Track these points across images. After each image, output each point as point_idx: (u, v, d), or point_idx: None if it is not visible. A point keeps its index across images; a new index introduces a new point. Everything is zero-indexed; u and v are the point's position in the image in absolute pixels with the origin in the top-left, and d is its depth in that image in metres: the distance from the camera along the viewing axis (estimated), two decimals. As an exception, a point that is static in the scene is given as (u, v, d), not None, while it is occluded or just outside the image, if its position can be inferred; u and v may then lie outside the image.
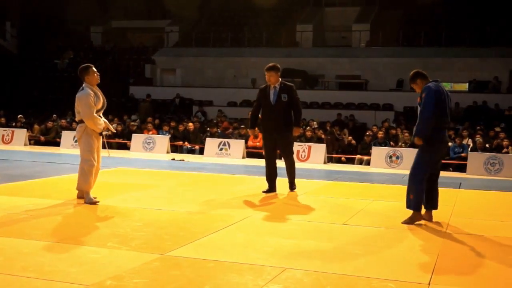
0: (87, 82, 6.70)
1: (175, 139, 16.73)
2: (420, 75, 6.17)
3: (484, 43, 23.52)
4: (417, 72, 6.22)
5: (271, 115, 7.98)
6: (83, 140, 6.70)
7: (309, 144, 14.99)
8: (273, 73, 7.94)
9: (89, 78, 6.69)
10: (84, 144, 6.69)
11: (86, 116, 6.60)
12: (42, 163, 11.60)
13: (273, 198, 7.71)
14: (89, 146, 6.68)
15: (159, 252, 4.53)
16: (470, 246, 5.22)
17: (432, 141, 5.92)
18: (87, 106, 6.58)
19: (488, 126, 17.70)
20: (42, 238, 4.89)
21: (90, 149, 6.69)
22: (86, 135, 6.68)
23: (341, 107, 21.74)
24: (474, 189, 9.84)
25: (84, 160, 6.69)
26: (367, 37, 26.17)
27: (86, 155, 6.69)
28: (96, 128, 6.68)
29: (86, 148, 6.69)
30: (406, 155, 13.93)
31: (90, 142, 6.69)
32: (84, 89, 6.67)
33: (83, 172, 6.66)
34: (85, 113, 6.60)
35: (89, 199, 6.65)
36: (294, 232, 5.52)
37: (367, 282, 3.95)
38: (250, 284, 3.83)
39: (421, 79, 6.13)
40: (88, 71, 6.71)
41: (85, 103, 6.58)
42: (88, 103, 6.58)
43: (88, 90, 6.64)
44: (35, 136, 17.85)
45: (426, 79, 6.13)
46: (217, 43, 27.53)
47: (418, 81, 6.13)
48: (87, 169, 6.65)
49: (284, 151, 8.20)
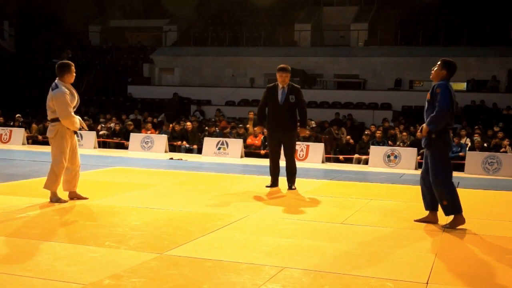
0: (65, 80, 6.52)
1: (173, 138, 16.72)
2: (450, 70, 5.84)
3: (482, 43, 23.55)
4: (452, 65, 5.85)
5: (278, 114, 8.18)
6: (56, 140, 6.53)
7: (307, 144, 14.99)
8: (288, 74, 8.21)
9: (68, 76, 6.54)
10: (57, 145, 6.53)
11: (63, 115, 6.42)
12: (40, 162, 11.58)
13: (271, 197, 7.71)
14: (62, 147, 6.52)
15: (157, 252, 4.52)
16: (468, 245, 5.22)
17: (443, 141, 5.76)
18: (65, 104, 6.42)
19: (486, 125, 17.73)
20: (40, 237, 4.88)
21: (62, 150, 6.53)
22: (60, 136, 6.52)
23: (339, 106, 21.75)
24: (472, 188, 9.85)
25: (55, 161, 6.54)
26: (365, 36, 26.19)
27: (57, 156, 6.53)
28: (72, 127, 6.54)
29: (59, 149, 6.52)
30: (404, 155, 13.95)
31: (63, 143, 6.52)
32: (58, 86, 6.48)
33: (52, 173, 6.53)
34: (63, 111, 6.42)
35: (56, 198, 6.59)
36: (292, 231, 5.52)
37: (366, 281, 3.95)
38: (248, 284, 3.83)
39: (447, 74, 5.83)
40: (70, 69, 6.56)
41: (62, 101, 6.41)
42: (66, 102, 6.42)
43: (63, 88, 6.48)
44: (33, 135, 17.83)
45: (449, 77, 5.86)
46: (215, 42, 27.53)
47: (444, 73, 5.83)
48: (57, 170, 6.52)
49: (287, 151, 8.37)
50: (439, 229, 5.81)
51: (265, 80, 25.49)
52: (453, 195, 5.74)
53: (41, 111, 21.29)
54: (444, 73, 5.85)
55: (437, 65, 5.92)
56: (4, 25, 29.12)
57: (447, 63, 5.86)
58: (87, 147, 16.40)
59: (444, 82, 5.81)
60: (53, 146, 6.59)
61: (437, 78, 5.89)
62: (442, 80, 5.83)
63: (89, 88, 25.23)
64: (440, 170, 5.75)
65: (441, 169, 5.76)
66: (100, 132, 17.70)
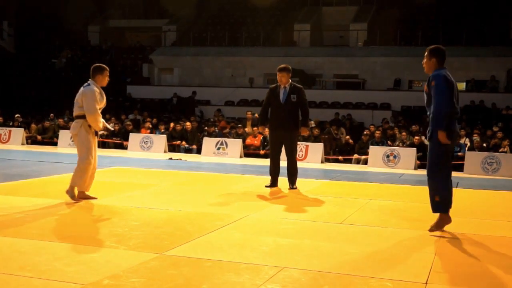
0: (97, 82, 6.67)
1: (173, 138, 16.72)
2: (439, 55, 5.58)
3: (482, 43, 23.57)
4: (439, 50, 5.60)
5: (280, 114, 8.25)
6: (80, 137, 6.59)
7: (307, 144, 14.99)
8: (285, 74, 8.24)
9: (100, 78, 6.69)
10: (82, 141, 6.59)
11: (90, 111, 6.50)
12: (39, 162, 11.58)
13: (270, 197, 7.71)
14: (87, 143, 6.59)
15: (157, 252, 4.52)
16: (467, 245, 5.22)
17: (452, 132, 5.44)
18: (93, 101, 6.52)
19: (485, 125, 17.74)
20: (39, 237, 4.88)
21: (88, 146, 6.59)
22: (83, 132, 6.58)
23: (339, 106, 21.77)
24: (471, 188, 9.85)
25: (81, 158, 6.58)
26: (365, 36, 26.21)
27: (83, 152, 6.59)
28: (96, 125, 6.60)
29: (83, 145, 6.59)
30: (403, 155, 13.95)
31: (87, 139, 6.59)
32: (90, 85, 6.63)
33: (79, 169, 6.57)
34: (90, 107, 6.50)
35: (84, 196, 6.65)
36: (292, 231, 5.52)
37: (365, 281, 3.95)
38: (247, 284, 3.83)
39: (437, 60, 5.57)
40: (103, 73, 6.71)
41: (92, 97, 6.52)
42: (95, 98, 6.53)
43: (94, 87, 6.62)
44: (32, 135, 17.82)
45: (441, 63, 5.60)
46: (215, 43, 27.54)
47: (434, 61, 5.58)
48: (83, 167, 6.56)
49: (288, 150, 8.41)
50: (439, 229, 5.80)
51: (264, 80, 25.49)
52: (447, 192, 5.51)
53: (40, 111, 21.37)
54: (434, 61, 5.59)
55: (425, 57, 5.67)
56: (4, 25, 29.10)
57: (434, 50, 5.61)
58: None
59: (438, 72, 5.50)
60: (78, 143, 6.63)
61: (430, 69, 5.62)
62: (435, 69, 5.57)
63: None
64: (439, 163, 5.49)
65: (441, 162, 5.49)
66: (99, 132, 17.66)
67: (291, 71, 8.38)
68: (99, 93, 6.63)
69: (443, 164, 5.52)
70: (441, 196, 5.50)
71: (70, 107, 21.59)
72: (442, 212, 5.54)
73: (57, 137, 17.23)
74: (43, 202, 6.56)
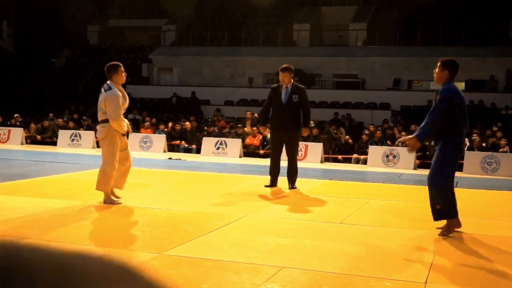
0: (114, 81, 6.50)
1: (172, 138, 16.72)
2: (452, 69, 5.57)
3: (481, 43, 23.58)
4: (454, 64, 5.59)
5: (281, 114, 8.26)
6: (107, 141, 6.47)
7: (306, 143, 14.98)
8: (287, 74, 8.27)
9: (117, 77, 6.51)
10: (108, 146, 6.48)
11: (113, 117, 6.37)
12: (38, 162, 11.57)
13: (270, 197, 7.72)
14: (113, 149, 6.47)
15: (156, 251, 4.52)
16: (467, 245, 5.22)
17: (454, 143, 5.48)
18: (116, 107, 6.38)
19: (484, 125, 17.75)
20: (38, 237, 4.88)
21: (113, 152, 6.48)
22: (110, 137, 6.46)
23: (338, 106, 21.77)
24: (470, 188, 9.85)
25: (106, 163, 6.48)
26: (364, 36, 26.21)
27: (109, 157, 6.49)
28: (120, 129, 6.49)
29: (109, 151, 6.48)
30: (403, 154, 13.94)
31: (113, 145, 6.47)
32: (112, 88, 6.44)
33: (104, 174, 6.48)
34: (113, 113, 6.37)
35: (110, 200, 6.56)
36: (291, 231, 5.52)
37: (364, 281, 3.95)
38: (247, 283, 3.83)
39: (450, 73, 5.56)
40: (117, 70, 6.51)
41: (115, 103, 6.37)
42: (117, 104, 6.39)
43: (116, 91, 6.44)
44: (32, 135, 17.82)
45: (452, 77, 5.59)
46: (214, 42, 27.53)
47: (446, 74, 5.56)
48: (109, 172, 6.47)
49: (290, 149, 8.43)
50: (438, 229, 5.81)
51: (264, 80, 25.49)
52: (448, 200, 5.49)
53: (40, 111, 21.38)
54: (446, 73, 5.57)
55: (437, 67, 5.64)
56: (3, 24, 29.10)
57: (448, 63, 5.61)
58: (85, 147, 16.40)
59: (447, 86, 5.51)
60: (104, 148, 6.53)
61: (440, 80, 5.62)
62: (446, 81, 5.57)
63: (88, 87, 25.23)
64: (443, 171, 5.47)
65: (445, 170, 5.48)
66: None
67: (293, 71, 8.41)
68: (121, 96, 6.46)
69: (446, 176, 5.52)
70: (442, 204, 5.48)
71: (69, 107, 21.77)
72: (447, 218, 5.54)
73: (56, 137, 17.22)
74: (42, 202, 6.56)
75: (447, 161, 5.51)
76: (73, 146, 16.56)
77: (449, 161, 5.51)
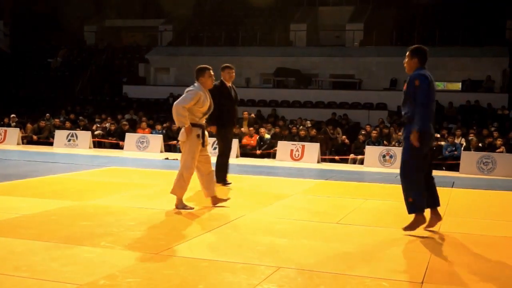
0: (201, 83, 6.47)
1: (169, 138, 16.70)
2: (421, 55, 5.52)
3: (477, 43, 23.62)
4: (421, 50, 5.54)
5: (231, 112, 8.53)
6: (189, 145, 6.39)
7: (303, 144, 15.00)
8: (233, 71, 8.65)
9: (203, 80, 6.48)
10: (189, 149, 6.39)
11: (176, 104, 6.28)
12: (35, 162, 11.55)
13: (267, 197, 7.71)
14: (193, 153, 6.37)
15: (153, 252, 4.52)
16: (463, 245, 5.23)
17: (421, 133, 5.34)
18: (186, 99, 6.29)
19: (481, 125, 17.79)
20: (35, 237, 4.87)
21: (194, 156, 6.37)
22: (191, 140, 6.37)
23: (335, 106, 21.77)
24: (467, 188, 9.88)
25: (185, 166, 6.38)
26: (361, 36, 26.22)
27: (188, 161, 6.39)
28: (176, 119, 6.39)
29: (190, 154, 6.39)
30: (399, 154, 13.92)
31: (195, 147, 6.38)
32: (195, 86, 6.45)
33: (181, 178, 6.37)
34: (178, 101, 6.31)
35: (182, 205, 6.44)
36: (288, 231, 5.52)
37: (361, 281, 3.96)
38: (244, 283, 3.83)
39: (419, 60, 5.52)
40: (204, 74, 6.49)
41: (187, 96, 6.31)
42: (189, 97, 6.31)
43: (197, 89, 6.40)
44: (28, 135, 17.77)
45: (423, 63, 5.53)
46: (211, 42, 27.50)
47: (415, 61, 5.52)
48: (186, 176, 6.37)
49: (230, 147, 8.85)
50: (434, 228, 5.82)
51: (261, 80, 25.48)
52: (420, 193, 5.42)
53: (36, 111, 21.32)
54: (416, 61, 5.52)
55: (406, 56, 5.59)
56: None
57: (416, 50, 5.56)
58: (82, 147, 16.37)
59: (420, 72, 5.43)
60: (184, 151, 6.44)
61: (411, 69, 5.58)
62: (417, 69, 5.51)
63: (84, 87, 25.18)
64: (412, 164, 5.43)
65: (414, 164, 5.43)
66: (95, 132, 17.66)
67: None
68: (200, 95, 6.35)
69: (417, 165, 5.44)
70: (414, 196, 5.42)
71: (66, 107, 21.71)
72: (417, 212, 5.46)
73: (52, 137, 17.19)
74: (39, 202, 6.54)
75: (413, 151, 5.38)
76: (69, 146, 16.54)
77: (415, 150, 5.37)
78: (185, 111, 6.29)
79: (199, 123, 6.46)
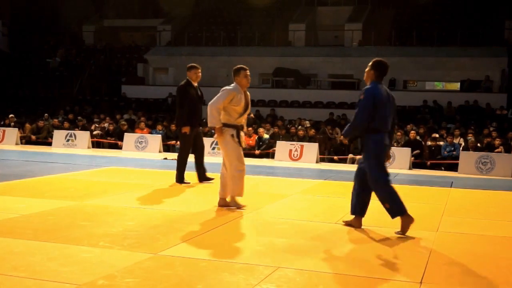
0: (237, 83, 6.62)
1: (168, 138, 16.69)
2: (379, 69, 5.57)
3: (476, 43, 23.65)
4: (380, 64, 5.61)
5: (197, 111, 8.80)
6: (230, 146, 6.41)
7: (302, 144, 15.00)
8: (200, 71, 8.97)
9: (238, 79, 6.61)
10: (231, 150, 6.41)
11: (210, 104, 6.38)
12: (33, 162, 11.54)
13: (265, 197, 7.71)
14: (236, 153, 6.42)
15: (151, 252, 4.51)
16: (462, 245, 5.24)
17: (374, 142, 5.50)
18: (220, 96, 6.40)
19: (479, 125, 17.80)
20: (34, 237, 4.87)
21: (237, 156, 6.41)
22: (227, 141, 6.39)
23: (334, 106, 21.79)
24: (465, 188, 9.88)
25: (234, 168, 6.41)
26: (360, 36, 26.24)
27: (234, 162, 6.40)
28: (208, 119, 6.49)
29: (233, 153, 6.41)
30: (397, 154, 13.96)
31: (235, 147, 6.41)
32: (231, 86, 6.58)
33: (235, 180, 6.42)
34: (212, 101, 6.39)
35: (237, 204, 6.52)
36: (286, 231, 5.52)
37: (360, 281, 3.96)
38: (242, 283, 3.82)
39: (376, 74, 5.57)
40: (239, 73, 6.65)
41: (221, 95, 6.42)
42: (221, 96, 6.41)
43: (232, 89, 6.52)
44: (27, 135, 17.76)
45: (379, 78, 5.59)
46: (210, 42, 27.51)
47: (372, 74, 5.58)
48: (238, 176, 6.41)
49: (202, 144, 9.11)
50: (433, 228, 5.82)
51: (259, 80, 25.48)
52: (394, 196, 5.46)
53: (35, 111, 21.31)
54: (372, 73, 5.58)
55: (368, 65, 5.66)
56: (-2, 24, 29.02)
57: (376, 63, 5.62)
58: (80, 147, 16.36)
59: (372, 86, 5.50)
60: (228, 152, 6.46)
61: (367, 79, 5.62)
62: (372, 82, 5.57)
63: (83, 87, 25.16)
64: (377, 172, 5.50)
65: (378, 170, 5.49)
66: (94, 132, 17.66)
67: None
68: (235, 94, 6.46)
69: (379, 174, 5.51)
70: (390, 201, 5.48)
71: (64, 107, 21.70)
72: (400, 215, 5.48)
73: (51, 137, 17.17)
74: (37, 202, 6.54)
75: (372, 160, 5.51)
76: (68, 146, 16.52)
77: (374, 159, 5.49)
78: (217, 111, 6.40)
79: (234, 123, 6.52)
